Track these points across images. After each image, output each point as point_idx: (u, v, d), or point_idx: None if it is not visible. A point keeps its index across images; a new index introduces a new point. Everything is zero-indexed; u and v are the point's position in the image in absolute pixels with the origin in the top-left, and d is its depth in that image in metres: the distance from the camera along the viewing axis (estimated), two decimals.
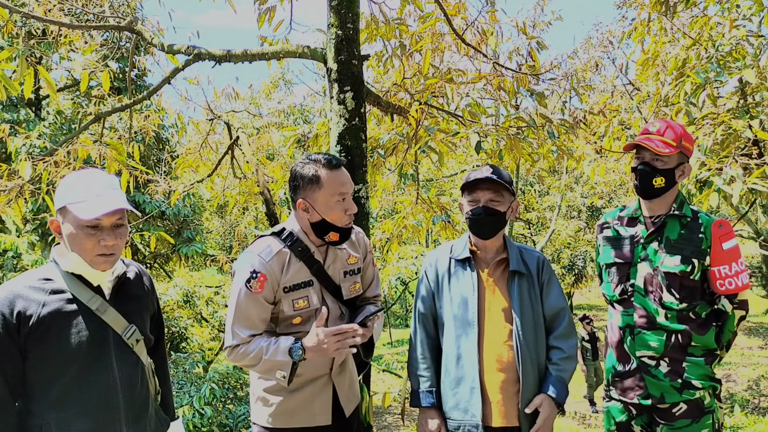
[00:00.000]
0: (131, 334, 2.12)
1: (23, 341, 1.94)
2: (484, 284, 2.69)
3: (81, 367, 2.00)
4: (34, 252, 11.17)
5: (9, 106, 11.33)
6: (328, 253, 2.56)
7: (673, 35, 5.77)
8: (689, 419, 2.63)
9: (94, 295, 2.06)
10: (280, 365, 2.32)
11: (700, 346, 2.64)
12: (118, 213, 2.02)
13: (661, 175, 2.63)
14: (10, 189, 4.39)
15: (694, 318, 2.64)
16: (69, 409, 1.99)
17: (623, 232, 2.82)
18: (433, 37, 5.02)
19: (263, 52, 4.07)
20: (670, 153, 2.59)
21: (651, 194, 2.69)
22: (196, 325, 11.65)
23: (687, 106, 4.75)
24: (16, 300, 1.96)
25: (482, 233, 2.67)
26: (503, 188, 2.62)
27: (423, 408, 2.67)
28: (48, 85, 4.24)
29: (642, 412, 2.76)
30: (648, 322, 2.67)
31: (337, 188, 2.43)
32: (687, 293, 2.62)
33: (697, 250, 2.61)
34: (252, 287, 2.38)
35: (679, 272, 2.61)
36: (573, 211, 19.06)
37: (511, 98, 5.27)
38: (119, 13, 5.21)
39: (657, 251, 2.68)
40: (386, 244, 6.17)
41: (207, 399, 7.30)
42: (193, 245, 12.29)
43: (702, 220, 2.65)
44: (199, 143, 6.87)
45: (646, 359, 2.69)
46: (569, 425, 8.79)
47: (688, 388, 2.62)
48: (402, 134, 4.92)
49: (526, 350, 2.59)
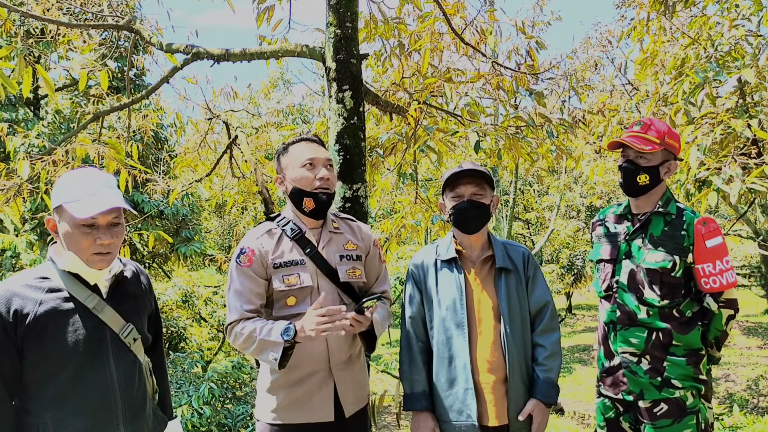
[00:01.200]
0: (128, 333, 2.12)
1: (20, 340, 1.94)
2: (471, 284, 2.70)
3: (78, 365, 1.99)
4: (32, 251, 11.15)
5: (7, 106, 11.32)
6: (322, 235, 2.60)
7: (672, 35, 5.77)
8: (670, 419, 2.65)
9: (91, 294, 2.06)
10: (271, 346, 2.35)
11: (682, 346, 2.66)
12: (114, 212, 2.02)
13: (645, 172, 2.67)
14: (9, 188, 4.38)
15: (677, 316, 2.66)
16: (66, 407, 1.98)
17: (612, 229, 2.86)
18: (432, 36, 5.01)
19: (262, 51, 4.06)
20: (653, 150, 2.63)
21: (636, 191, 2.73)
22: (195, 324, 11.63)
23: (686, 105, 4.74)
24: (13, 298, 1.96)
25: (468, 227, 2.68)
26: (485, 181, 2.65)
27: (416, 411, 2.67)
28: (46, 85, 4.23)
29: (628, 410, 2.79)
30: (629, 319, 2.71)
31: (304, 154, 2.53)
32: (668, 290, 2.65)
33: (678, 247, 2.64)
34: (241, 261, 2.49)
35: (659, 269, 2.64)
36: (572, 211, 19.06)
37: (510, 98, 5.27)
38: (118, 13, 5.20)
39: (640, 248, 2.71)
40: (385, 244, 6.16)
41: (206, 398, 7.28)
42: (192, 245, 12.28)
43: (686, 217, 2.68)
44: (198, 143, 6.86)
45: (628, 356, 2.72)
46: (568, 425, 8.78)
47: (667, 386, 2.65)
48: (401, 134, 4.91)
49: (513, 349, 2.61)
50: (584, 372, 12.31)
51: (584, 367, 12.82)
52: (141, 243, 11.63)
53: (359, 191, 3.56)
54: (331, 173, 2.58)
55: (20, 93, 5.66)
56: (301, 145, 2.59)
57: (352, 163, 3.55)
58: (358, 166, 3.59)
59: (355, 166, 3.56)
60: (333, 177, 2.59)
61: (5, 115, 10.90)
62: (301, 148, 2.58)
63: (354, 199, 3.53)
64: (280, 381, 2.52)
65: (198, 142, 6.90)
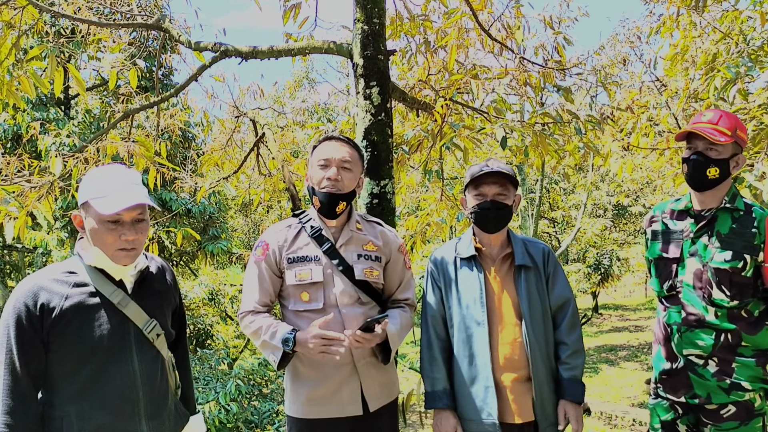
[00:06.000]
0: (152, 328, 2.15)
1: (46, 333, 1.98)
2: (491, 282, 2.68)
3: (101, 360, 2.03)
4: (63, 249, 11.34)
5: (39, 105, 11.53)
6: (343, 233, 2.62)
7: (702, 29, 5.68)
8: (737, 422, 2.54)
9: (116, 289, 2.10)
10: (273, 349, 2.44)
11: (750, 346, 2.53)
12: (138, 208, 2.05)
13: (716, 165, 2.52)
14: (41, 185, 4.45)
15: (745, 316, 2.53)
16: (89, 401, 2.02)
17: (672, 226, 2.72)
18: (459, 32, 4.99)
19: (289, 48, 4.08)
20: (726, 142, 2.49)
21: (704, 185, 2.58)
22: (221, 322, 11.75)
23: (717, 101, 4.67)
24: (40, 292, 2.00)
25: (489, 227, 2.67)
26: (509, 182, 2.64)
27: (438, 409, 2.67)
28: (77, 83, 4.30)
29: (688, 412, 2.68)
30: (696, 320, 2.58)
31: (322, 154, 2.56)
32: (738, 290, 2.51)
33: (749, 245, 2.50)
34: (256, 254, 2.57)
35: (729, 268, 2.51)
36: (599, 209, 18.85)
37: (536, 94, 5.22)
38: (146, 12, 5.27)
39: (707, 246, 2.58)
40: (409, 241, 6.15)
41: (232, 395, 7.35)
42: (219, 243, 12.38)
43: (756, 213, 2.53)
44: (225, 141, 6.91)
45: (694, 358, 2.60)
46: (595, 425, 8.70)
47: (736, 389, 2.53)
48: (426, 130, 4.90)
49: (536, 347, 2.59)
50: (611, 372, 12.18)
51: (611, 367, 12.68)
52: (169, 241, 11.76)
53: (386, 187, 3.56)
54: (346, 173, 2.56)
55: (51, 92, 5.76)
56: (324, 144, 2.61)
57: (380, 159, 3.55)
58: (386, 162, 3.59)
59: (382, 163, 3.56)
60: (348, 177, 2.57)
61: (37, 114, 11.10)
62: (323, 147, 2.60)
63: (381, 195, 3.53)
64: (306, 377, 2.54)
65: (225, 140, 6.95)
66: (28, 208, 4.28)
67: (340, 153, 2.57)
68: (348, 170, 2.57)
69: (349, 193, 2.57)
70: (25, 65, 4.19)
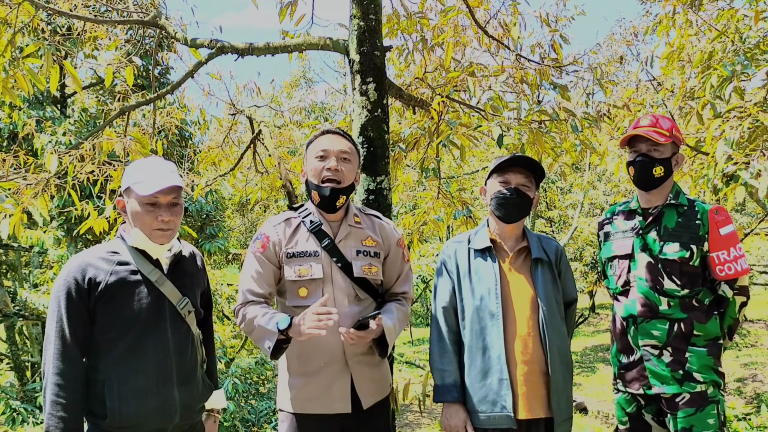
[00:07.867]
0: (184, 305, 2.38)
1: (92, 305, 2.23)
2: (506, 274, 2.67)
3: (139, 331, 2.27)
4: (59, 248, 11.31)
5: (35, 104, 11.49)
6: (341, 228, 2.60)
7: (698, 28, 5.68)
8: (693, 408, 2.65)
9: (154, 269, 2.33)
10: (267, 334, 2.42)
11: (702, 336, 2.68)
12: (173, 192, 2.29)
13: (660, 164, 2.73)
14: (37, 182, 4.44)
15: (697, 306, 2.70)
16: (128, 367, 2.25)
17: (623, 226, 2.89)
18: (455, 30, 4.99)
19: (285, 44, 4.07)
20: (666, 142, 2.69)
21: (651, 184, 2.77)
22: (218, 322, 11.72)
23: (713, 99, 4.68)
24: (88, 268, 2.25)
25: (509, 216, 2.66)
26: (534, 175, 2.66)
27: (447, 403, 2.64)
28: (73, 80, 4.29)
29: (650, 402, 2.79)
30: (650, 311, 2.72)
31: (320, 146, 2.56)
32: (688, 279, 2.69)
33: (695, 236, 2.69)
34: (255, 247, 2.56)
35: (678, 258, 2.68)
36: (596, 208, 18.86)
37: (533, 92, 5.22)
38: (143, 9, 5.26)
39: (656, 240, 2.74)
40: (406, 240, 6.14)
41: (229, 394, 7.35)
42: (216, 241, 12.37)
43: (698, 207, 2.74)
44: (221, 139, 6.91)
45: (650, 348, 2.72)
46: (592, 424, 8.71)
47: (688, 380, 2.66)
48: (423, 128, 4.89)
49: (554, 340, 2.58)
50: (608, 371, 12.20)
51: (608, 366, 12.70)
52: None
53: (383, 183, 3.56)
54: (346, 165, 2.56)
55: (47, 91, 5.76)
56: (322, 137, 2.60)
57: (376, 155, 3.54)
58: (382, 158, 3.58)
59: (378, 158, 3.55)
60: (347, 169, 2.56)
61: (33, 112, 11.06)
62: (321, 140, 2.59)
63: (378, 191, 3.53)
64: (298, 372, 2.54)
65: (221, 138, 6.94)
66: (24, 205, 4.27)
67: (338, 145, 2.57)
68: (347, 161, 2.57)
69: (348, 187, 2.57)
70: (21, 62, 4.18)
